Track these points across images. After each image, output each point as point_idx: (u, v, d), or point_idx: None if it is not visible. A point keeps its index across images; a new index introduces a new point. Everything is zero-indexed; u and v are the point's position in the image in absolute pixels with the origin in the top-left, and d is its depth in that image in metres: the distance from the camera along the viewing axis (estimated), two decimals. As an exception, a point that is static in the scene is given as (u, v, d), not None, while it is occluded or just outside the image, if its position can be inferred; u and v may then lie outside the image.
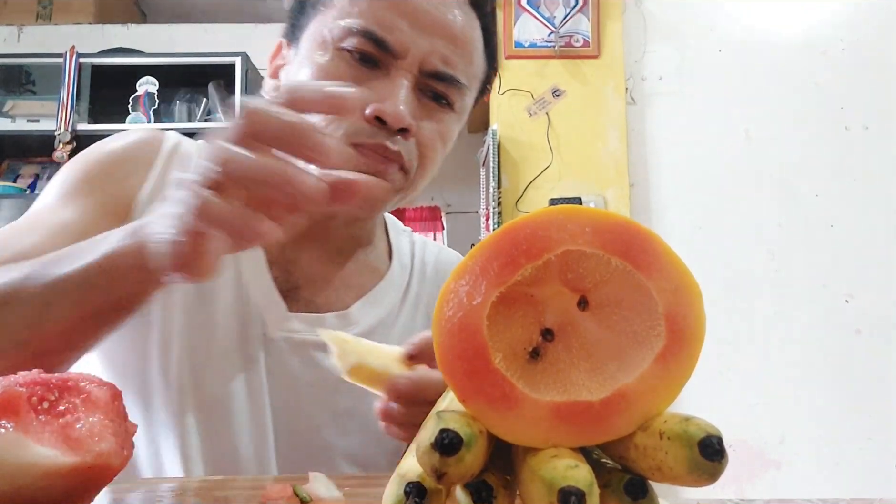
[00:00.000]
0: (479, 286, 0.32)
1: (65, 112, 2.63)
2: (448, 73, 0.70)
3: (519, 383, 0.32)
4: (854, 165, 2.50)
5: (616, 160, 2.53)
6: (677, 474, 0.31)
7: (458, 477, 0.32)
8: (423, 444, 0.32)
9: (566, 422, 0.31)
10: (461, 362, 0.32)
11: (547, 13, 2.59)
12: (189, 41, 2.92)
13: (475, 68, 0.74)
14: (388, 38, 0.67)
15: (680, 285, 0.33)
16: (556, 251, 0.33)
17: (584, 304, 0.35)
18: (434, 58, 0.69)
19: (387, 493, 0.35)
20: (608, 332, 0.34)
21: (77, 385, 0.39)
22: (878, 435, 2.36)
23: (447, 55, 0.69)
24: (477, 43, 0.73)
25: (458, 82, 0.71)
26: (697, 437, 0.31)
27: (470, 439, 0.31)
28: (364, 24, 0.67)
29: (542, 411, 0.31)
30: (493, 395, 0.31)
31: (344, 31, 0.68)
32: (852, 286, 2.44)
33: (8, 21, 2.98)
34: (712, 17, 2.64)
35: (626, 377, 0.32)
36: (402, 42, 0.67)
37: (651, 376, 0.32)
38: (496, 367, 0.32)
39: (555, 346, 0.34)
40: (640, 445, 0.32)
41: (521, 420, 0.31)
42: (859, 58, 2.55)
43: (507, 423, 0.31)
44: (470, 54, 0.72)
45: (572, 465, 0.30)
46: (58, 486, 0.36)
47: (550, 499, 0.30)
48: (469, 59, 0.72)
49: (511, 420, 0.31)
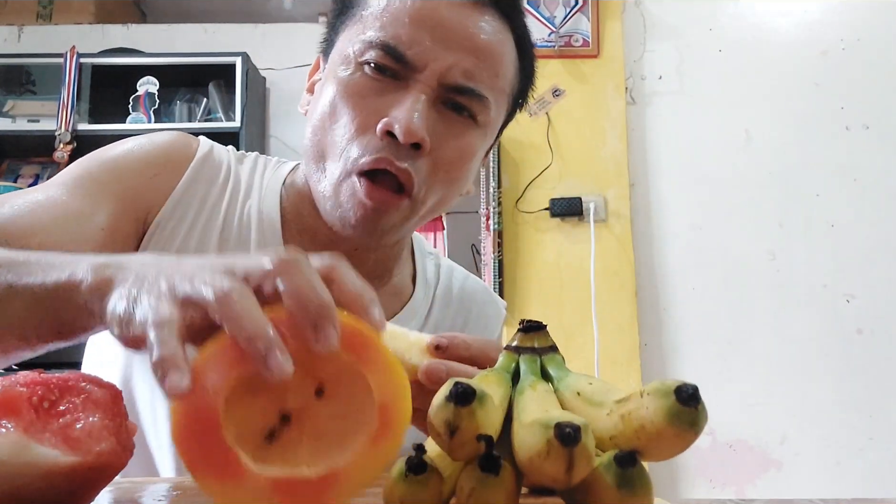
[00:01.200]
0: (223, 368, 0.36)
1: (65, 112, 2.63)
2: (469, 86, 0.68)
3: (248, 460, 0.35)
4: (854, 165, 2.50)
5: (616, 160, 2.53)
6: (659, 428, 0.33)
7: (469, 432, 0.34)
8: (436, 403, 0.34)
9: (285, 494, 0.34)
10: (194, 434, 0.34)
11: (547, 13, 2.59)
12: (189, 41, 2.92)
13: (503, 81, 0.72)
14: (405, 50, 0.66)
15: (392, 381, 0.38)
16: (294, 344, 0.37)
17: (320, 393, 0.39)
18: (455, 71, 0.67)
19: (390, 473, 0.37)
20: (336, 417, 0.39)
21: (77, 385, 0.39)
22: (878, 435, 2.36)
23: (469, 68, 0.67)
24: (506, 55, 0.71)
25: (480, 96, 0.69)
26: (673, 387, 0.34)
27: (482, 395, 0.34)
28: (383, 37, 0.67)
29: (263, 484, 0.34)
30: (218, 467, 0.34)
31: (364, 44, 0.67)
32: (853, 286, 2.44)
33: (8, 21, 2.98)
34: (712, 17, 2.64)
35: (343, 456, 0.37)
36: (420, 55, 0.66)
37: (363, 455, 0.36)
38: (224, 441, 0.34)
39: (290, 428, 0.38)
40: (624, 413, 0.35)
41: (242, 490, 0.34)
42: (859, 58, 2.55)
43: (229, 492, 0.34)
44: (496, 67, 0.70)
45: (567, 414, 0.35)
46: (58, 485, 0.36)
47: (548, 436, 0.32)
48: (495, 71, 0.70)
49: (232, 490, 0.34)
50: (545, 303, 2.44)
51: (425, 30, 0.67)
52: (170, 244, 0.72)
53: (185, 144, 0.77)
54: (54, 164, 2.72)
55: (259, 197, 0.77)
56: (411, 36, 0.66)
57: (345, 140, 0.67)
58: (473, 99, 0.69)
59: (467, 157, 0.71)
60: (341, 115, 0.67)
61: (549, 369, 0.43)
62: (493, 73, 0.70)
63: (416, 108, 0.65)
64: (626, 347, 2.41)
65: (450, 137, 0.68)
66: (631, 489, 0.34)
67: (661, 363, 2.46)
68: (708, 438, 2.38)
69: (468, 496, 0.35)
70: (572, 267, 2.46)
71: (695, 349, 2.47)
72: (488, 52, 0.69)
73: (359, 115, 0.67)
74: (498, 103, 0.72)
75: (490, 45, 0.69)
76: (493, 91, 0.70)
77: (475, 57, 0.68)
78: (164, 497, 0.48)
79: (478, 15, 0.69)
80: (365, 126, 0.66)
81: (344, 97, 0.68)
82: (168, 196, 0.72)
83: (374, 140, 0.66)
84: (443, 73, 0.67)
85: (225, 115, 2.76)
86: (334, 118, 0.68)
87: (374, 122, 0.66)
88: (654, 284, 2.51)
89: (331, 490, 0.36)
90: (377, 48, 0.67)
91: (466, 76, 0.68)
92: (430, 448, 0.38)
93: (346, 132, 0.67)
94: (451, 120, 0.69)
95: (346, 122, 0.67)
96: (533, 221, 2.50)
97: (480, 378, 0.41)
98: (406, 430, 0.38)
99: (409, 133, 0.64)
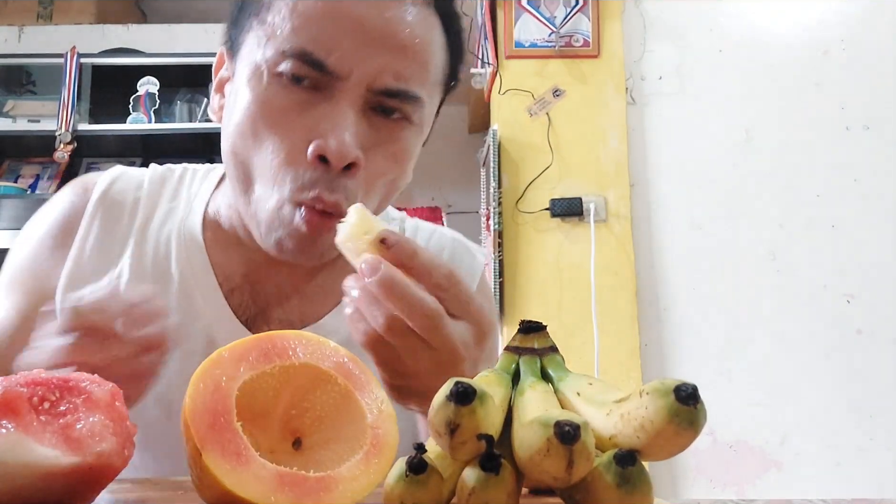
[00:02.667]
0: (238, 364, 0.40)
1: (65, 112, 2.63)
2: (402, 88, 0.63)
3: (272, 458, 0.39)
4: (854, 165, 2.50)
5: (616, 160, 2.53)
6: (658, 427, 0.33)
7: (470, 431, 0.34)
8: (436, 402, 0.35)
9: (288, 486, 0.37)
10: (207, 414, 0.37)
11: (547, 13, 2.59)
12: (189, 41, 2.92)
13: (434, 73, 0.66)
14: (326, 58, 0.60)
15: (381, 407, 0.42)
16: (301, 360, 0.42)
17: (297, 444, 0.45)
18: (383, 75, 0.61)
19: (390, 473, 0.37)
20: (331, 441, 0.43)
21: (78, 385, 0.39)
22: (879, 435, 2.36)
23: (398, 69, 0.62)
24: (434, 43, 0.66)
25: (413, 97, 0.64)
26: (672, 386, 0.34)
27: (483, 394, 0.35)
28: (298, 45, 0.60)
29: (269, 473, 0.37)
30: (228, 449, 0.37)
31: (277, 53, 0.61)
32: (853, 286, 2.44)
33: (8, 21, 2.98)
34: (712, 17, 2.64)
35: (339, 471, 0.40)
36: (343, 61, 0.60)
37: (356, 468, 0.39)
38: (235, 427, 0.37)
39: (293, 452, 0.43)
40: (623, 413, 0.35)
41: (249, 475, 0.36)
42: (859, 58, 2.55)
43: (237, 474, 0.36)
44: (426, 61, 0.64)
45: (567, 413, 0.35)
46: (58, 486, 0.36)
47: (547, 434, 0.32)
48: (426, 66, 0.65)
49: (241, 472, 0.36)
50: (545, 303, 2.44)
51: (344, 30, 0.60)
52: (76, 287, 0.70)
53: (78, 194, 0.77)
54: (54, 164, 2.73)
55: (182, 217, 0.76)
56: (329, 39, 0.60)
57: (274, 166, 0.62)
58: (406, 100, 0.63)
59: (404, 159, 0.67)
60: (265, 137, 0.62)
61: (549, 370, 0.43)
62: (424, 68, 0.64)
63: (346, 126, 0.60)
64: (626, 347, 2.41)
65: (383, 144, 0.64)
66: (631, 488, 0.34)
67: (661, 363, 2.46)
68: (708, 438, 2.38)
69: (468, 496, 0.35)
70: (572, 267, 2.46)
71: (695, 349, 2.47)
72: (416, 46, 0.63)
73: (286, 136, 0.61)
74: (431, 96, 0.67)
75: (417, 39, 0.63)
76: (425, 86, 0.65)
77: (403, 55, 0.62)
78: (164, 497, 0.48)
79: (396, 4, 0.62)
80: (295, 150, 0.61)
81: (265, 117, 0.62)
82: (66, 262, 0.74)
83: (307, 169, 0.61)
84: (370, 78, 0.61)
85: (225, 115, 2.76)
86: (257, 139, 0.62)
87: (303, 147, 0.61)
88: (655, 284, 2.51)
89: (329, 491, 0.37)
90: (292, 57, 0.60)
91: (396, 78, 0.62)
92: (430, 448, 0.38)
93: (274, 157, 0.62)
94: (383, 125, 0.64)
95: (273, 148, 0.62)
96: (533, 221, 2.50)
97: (481, 378, 0.41)
98: (395, 453, 0.41)
99: (341, 157, 0.60)
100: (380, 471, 0.40)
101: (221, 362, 0.40)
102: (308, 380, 0.43)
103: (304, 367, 0.42)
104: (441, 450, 0.37)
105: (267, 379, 0.42)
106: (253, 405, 0.41)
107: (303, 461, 0.41)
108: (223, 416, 0.37)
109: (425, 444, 0.37)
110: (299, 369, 0.42)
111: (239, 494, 0.35)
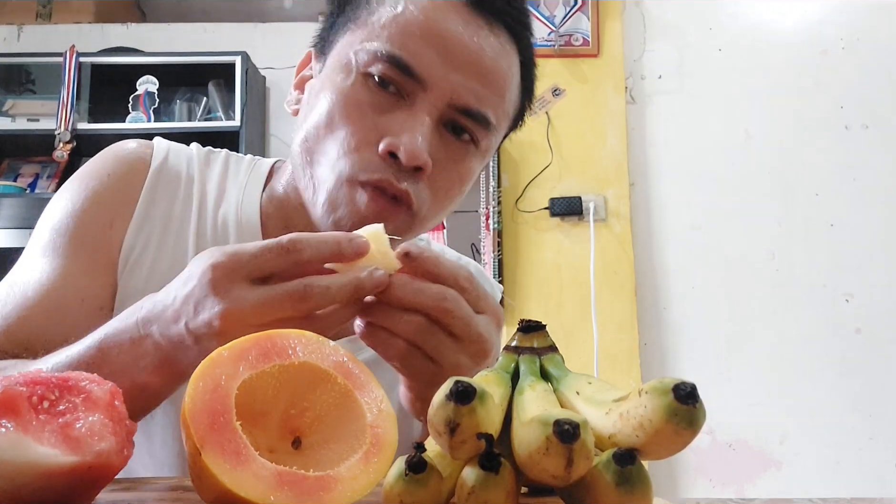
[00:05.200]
0: (238, 363, 0.40)
1: (65, 111, 2.62)
2: (479, 111, 0.65)
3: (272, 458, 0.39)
4: (854, 164, 2.50)
5: (616, 159, 2.53)
6: (657, 426, 0.33)
7: (469, 430, 0.34)
8: (436, 401, 0.35)
9: (287, 486, 0.37)
10: (207, 413, 0.37)
11: (547, 12, 2.59)
12: (189, 40, 2.91)
13: (507, 105, 0.69)
14: (415, 65, 0.63)
15: (381, 406, 0.42)
16: (301, 360, 0.42)
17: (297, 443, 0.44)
18: (465, 93, 0.64)
19: (389, 472, 0.37)
20: (331, 440, 0.43)
21: (77, 384, 0.39)
22: (878, 434, 2.36)
23: (479, 91, 0.65)
24: (513, 77, 0.69)
25: (487, 122, 0.66)
26: (671, 385, 0.33)
27: (482, 393, 0.35)
28: (391, 49, 0.63)
29: (269, 472, 0.37)
30: (228, 448, 0.37)
31: (370, 54, 0.64)
32: (852, 285, 2.44)
33: (8, 20, 2.97)
34: (712, 16, 2.64)
35: (339, 470, 0.40)
36: (430, 71, 0.63)
37: (356, 467, 0.39)
38: (235, 427, 0.37)
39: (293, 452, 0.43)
40: (622, 412, 0.35)
41: (248, 474, 0.36)
42: (859, 57, 2.55)
43: (236, 473, 0.36)
44: (503, 90, 0.67)
45: (566, 411, 0.35)
46: (58, 485, 0.36)
47: (547, 433, 0.32)
48: (504, 96, 0.68)
49: (240, 472, 0.36)
50: (545, 302, 2.44)
51: (436, 46, 0.63)
52: (138, 269, 0.71)
53: (134, 163, 0.75)
54: (54, 163, 2.72)
55: (237, 201, 0.75)
56: (421, 51, 0.63)
57: (342, 152, 0.64)
58: (479, 123, 0.66)
59: (465, 181, 0.69)
60: (340, 127, 0.64)
61: (549, 369, 0.43)
62: (500, 96, 0.67)
63: (422, 131, 0.62)
64: (626, 347, 2.42)
65: (450, 162, 0.66)
66: (630, 487, 0.34)
67: (660, 363, 2.46)
68: (707, 438, 2.38)
69: (468, 495, 0.35)
70: (572, 266, 2.46)
71: (694, 349, 2.47)
72: (498, 74, 0.66)
73: (359, 130, 0.64)
74: (500, 126, 0.70)
75: (499, 67, 0.66)
76: (498, 114, 0.68)
77: (485, 79, 0.65)
78: (164, 497, 0.48)
79: (489, 33, 0.66)
80: (365, 142, 0.63)
81: (344, 109, 0.64)
82: (128, 226, 0.72)
83: (375, 158, 0.63)
84: (452, 94, 0.63)
85: (225, 114, 2.76)
86: (331, 129, 0.65)
87: (375, 140, 0.63)
88: (654, 284, 2.51)
89: (328, 491, 0.37)
90: (384, 61, 0.63)
91: (477, 99, 0.65)
92: (429, 448, 0.38)
93: (344, 145, 0.64)
94: (453, 143, 0.66)
95: (344, 136, 0.64)
96: (533, 221, 2.50)
97: (480, 377, 0.41)
98: (395, 452, 0.41)
99: (412, 157, 0.61)
100: (379, 470, 0.40)
101: (221, 361, 0.40)
102: (307, 379, 0.43)
103: (304, 367, 0.42)
104: (440, 449, 0.37)
105: (266, 378, 0.42)
106: (252, 404, 0.41)
107: (302, 460, 0.41)
108: (223, 415, 0.37)
109: (424, 444, 0.37)
110: (299, 368, 0.42)
111: (238, 494, 0.35)
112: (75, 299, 0.68)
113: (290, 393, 0.43)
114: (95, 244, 0.71)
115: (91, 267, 0.70)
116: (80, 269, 0.69)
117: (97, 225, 0.71)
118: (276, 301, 0.47)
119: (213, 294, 0.47)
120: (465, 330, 0.50)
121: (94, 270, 0.70)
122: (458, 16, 0.65)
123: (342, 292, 0.48)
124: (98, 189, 0.73)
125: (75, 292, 0.68)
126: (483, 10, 0.66)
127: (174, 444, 0.69)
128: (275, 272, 0.48)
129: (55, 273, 0.68)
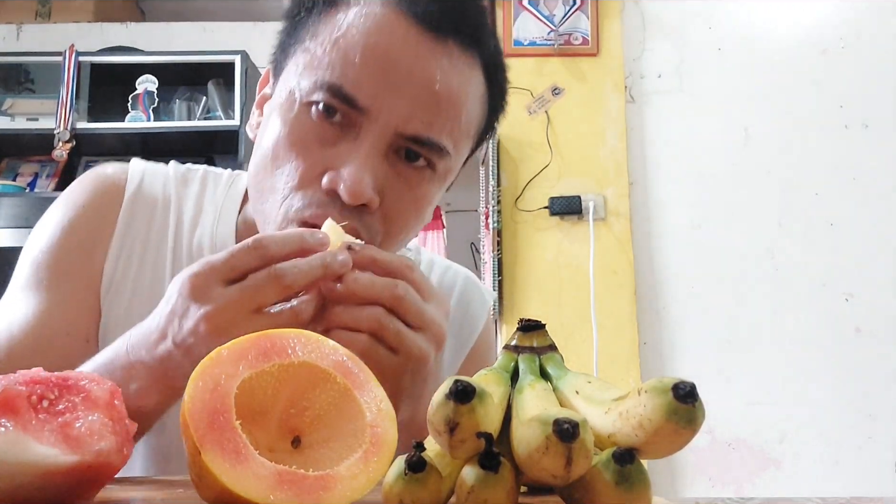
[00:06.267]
0: (237, 363, 0.40)
1: (64, 110, 2.62)
2: (429, 138, 0.61)
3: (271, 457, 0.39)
4: (854, 164, 2.50)
5: (615, 158, 2.53)
6: (657, 425, 0.33)
7: (469, 429, 0.34)
8: (436, 400, 0.35)
9: (287, 485, 0.37)
10: (206, 412, 0.37)
11: (546, 11, 2.58)
12: (188, 39, 2.92)
13: (466, 126, 0.65)
14: (356, 95, 0.59)
15: (380, 406, 0.42)
16: (300, 359, 0.42)
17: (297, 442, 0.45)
18: (413, 121, 0.60)
19: (389, 471, 0.37)
20: (330, 440, 0.44)
21: (77, 384, 0.39)
22: (878, 434, 2.36)
23: (428, 117, 0.60)
24: (472, 94, 0.64)
25: (440, 147, 0.62)
26: (670, 384, 0.33)
27: (482, 392, 0.35)
28: (331, 79, 0.60)
29: (268, 471, 0.37)
30: (227, 447, 0.37)
31: (311, 83, 0.61)
32: (852, 285, 2.45)
33: (7, 20, 2.97)
34: (711, 16, 2.64)
35: (338, 464, 0.40)
36: (374, 101, 0.59)
37: (355, 466, 0.39)
38: (234, 426, 0.37)
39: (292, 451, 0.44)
40: (622, 411, 0.35)
41: (248, 474, 0.36)
42: (859, 56, 2.55)
43: (236, 472, 0.36)
44: (458, 112, 0.63)
45: (565, 410, 0.35)
46: (57, 484, 0.36)
47: (546, 432, 0.32)
48: (457, 119, 0.63)
49: (239, 471, 0.36)
50: (544, 301, 2.44)
51: (379, 72, 0.59)
52: (119, 295, 0.71)
53: (109, 190, 0.75)
54: (53, 162, 2.72)
55: (212, 224, 0.75)
56: (363, 79, 0.59)
57: (287, 189, 0.61)
58: (432, 150, 0.62)
59: (422, 207, 0.66)
60: (283, 162, 0.62)
61: (548, 368, 0.43)
62: (455, 119, 0.63)
63: (366, 165, 0.59)
64: (625, 346, 2.42)
65: (404, 190, 0.63)
66: (629, 486, 0.34)
67: (660, 362, 2.46)
68: (707, 437, 2.38)
69: (468, 494, 0.35)
70: (571, 266, 2.46)
71: (694, 348, 2.47)
72: (450, 96, 0.61)
73: (302, 164, 0.61)
74: (459, 148, 0.65)
75: (451, 89, 0.61)
76: (454, 138, 0.63)
77: (435, 103, 0.61)
78: (164, 496, 0.48)
79: (440, 50, 0.61)
80: (308, 178, 0.61)
81: (288, 143, 0.61)
82: (107, 253, 0.72)
83: (318, 195, 0.60)
84: (399, 122, 0.60)
85: (224, 113, 2.76)
86: (277, 163, 0.62)
87: (317, 175, 0.60)
88: (654, 283, 2.51)
89: (328, 490, 0.37)
90: (325, 90, 0.60)
91: (426, 126, 0.61)
92: (429, 447, 0.38)
93: (288, 181, 0.61)
94: (406, 171, 0.62)
95: (288, 171, 0.61)
96: (532, 220, 2.50)
97: (480, 377, 0.41)
98: (394, 452, 0.41)
99: (354, 195, 0.58)
100: (379, 469, 0.40)
101: (220, 361, 0.40)
102: (307, 378, 0.43)
103: (303, 366, 0.42)
104: (440, 448, 0.37)
105: (266, 377, 0.42)
106: (252, 404, 0.42)
107: (302, 460, 0.41)
108: (222, 414, 0.37)
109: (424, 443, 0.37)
110: (298, 368, 0.42)
111: (238, 493, 0.35)
112: (60, 334, 0.68)
113: (290, 392, 0.43)
114: (77, 276, 0.71)
115: (74, 299, 0.70)
116: (64, 302, 0.70)
117: (77, 256, 0.72)
118: (253, 289, 0.49)
119: (194, 301, 0.49)
120: (418, 316, 0.53)
121: (77, 303, 0.70)
122: (404, 37, 0.60)
123: (313, 270, 0.50)
124: (74, 220, 0.73)
125: (60, 327, 0.69)
126: (432, 28, 0.61)
127: (174, 443, 0.69)
128: (247, 271, 0.50)
129: (39, 308, 0.69)
